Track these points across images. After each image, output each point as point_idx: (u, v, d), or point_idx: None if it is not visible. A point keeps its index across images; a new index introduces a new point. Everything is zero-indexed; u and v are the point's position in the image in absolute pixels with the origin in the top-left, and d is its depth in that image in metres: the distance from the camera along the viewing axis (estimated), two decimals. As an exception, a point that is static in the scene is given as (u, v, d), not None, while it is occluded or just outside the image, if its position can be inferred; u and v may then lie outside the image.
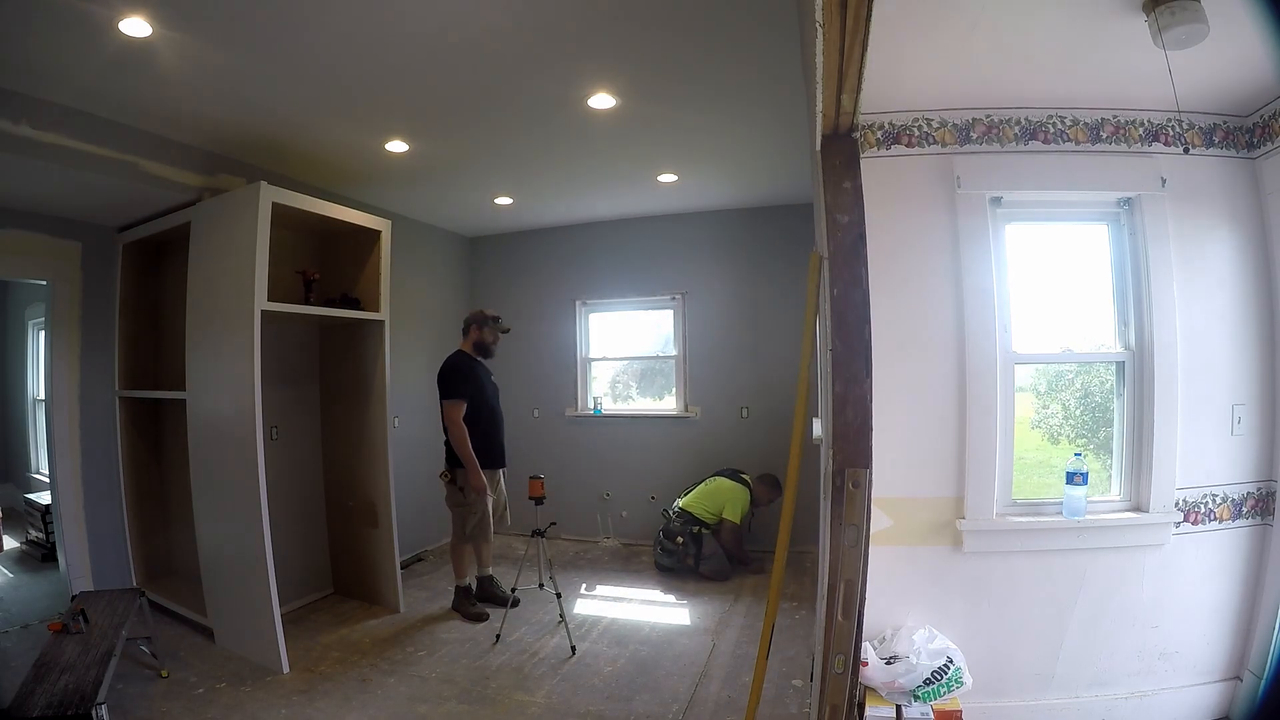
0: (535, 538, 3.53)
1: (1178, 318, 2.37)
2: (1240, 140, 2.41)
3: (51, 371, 3.58)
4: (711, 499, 4.47)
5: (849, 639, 1.63)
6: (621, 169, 4.06)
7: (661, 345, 5.47)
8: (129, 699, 2.74)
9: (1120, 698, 2.38)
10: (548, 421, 5.50)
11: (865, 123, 2.38)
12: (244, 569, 3.10)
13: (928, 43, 2.00)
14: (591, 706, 2.75)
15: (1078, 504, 2.36)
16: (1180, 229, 2.38)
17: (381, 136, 3.41)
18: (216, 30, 2.31)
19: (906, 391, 2.35)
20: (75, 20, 2.16)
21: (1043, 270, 2.61)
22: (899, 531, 2.37)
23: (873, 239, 1.68)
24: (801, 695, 2.76)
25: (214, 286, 3.21)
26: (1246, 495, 2.39)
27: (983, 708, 2.30)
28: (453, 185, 4.32)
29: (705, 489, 4.53)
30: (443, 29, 2.36)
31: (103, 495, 3.67)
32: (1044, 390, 2.86)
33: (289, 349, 3.90)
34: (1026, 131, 2.39)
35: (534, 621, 3.65)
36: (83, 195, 3.24)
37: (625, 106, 3.05)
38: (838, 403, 1.60)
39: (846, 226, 1.66)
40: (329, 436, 4.11)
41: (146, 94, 2.75)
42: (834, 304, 1.64)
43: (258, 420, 2.97)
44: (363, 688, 2.91)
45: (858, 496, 1.58)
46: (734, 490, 4.48)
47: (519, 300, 5.57)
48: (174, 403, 3.53)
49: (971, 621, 2.37)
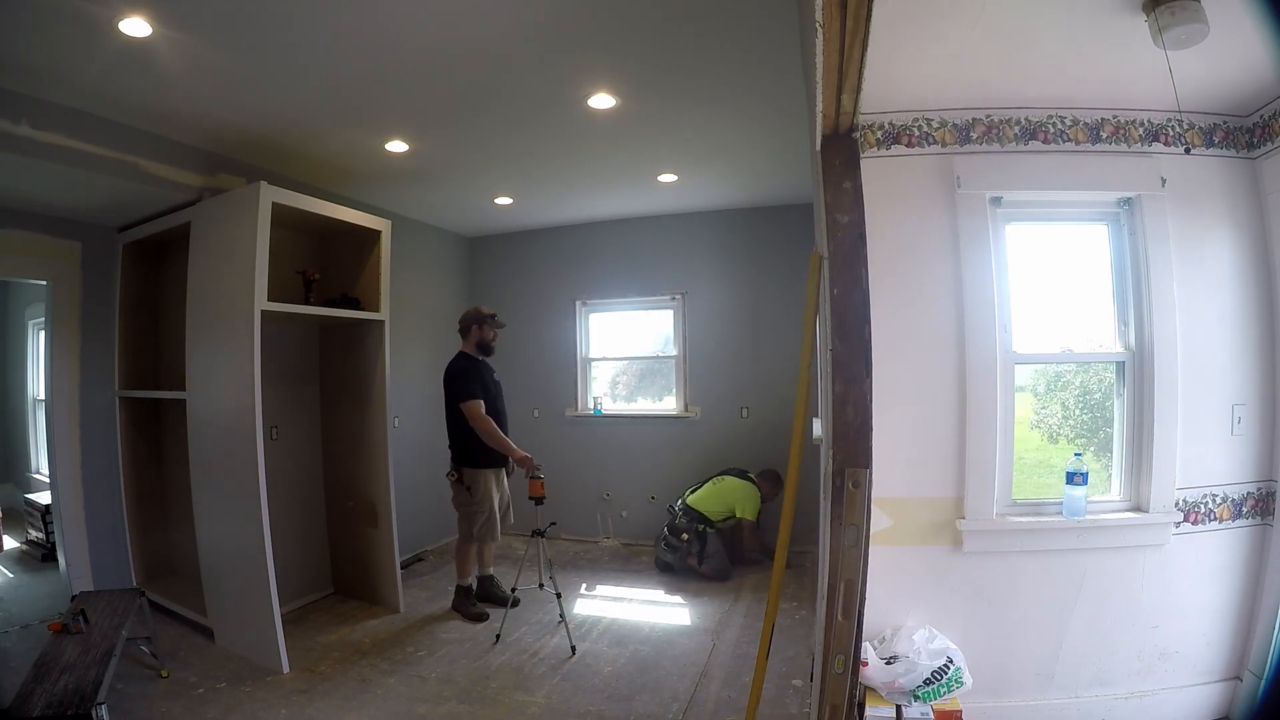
0: (535, 538, 3.53)
1: (1178, 318, 2.37)
2: (1240, 140, 2.40)
3: (51, 371, 3.58)
4: (721, 499, 4.47)
5: (849, 639, 1.63)
6: (621, 169, 4.06)
7: (661, 345, 5.47)
8: (129, 699, 2.74)
9: (1120, 698, 2.38)
10: (548, 421, 5.50)
11: (865, 123, 2.37)
12: (244, 569, 3.10)
13: (928, 42, 2.00)
14: (591, 706, 2.75)
15: (1078, 504, 2.36)
16: (1180, 229, 2.38)
17: (381, 136, 3.41)
18: (216, 30, 2.31)
19: (906, 391, 2.35)
20: (75, 20, 2.16)
21: (1043, 270, 2.60)
22: (899, 531, 2.37)
23: (873, 239, 1.69)
24: (801, 695, 2.76)
25: (214, 286, 3.21)
26: (1246, 495, 2.39)
27: (983, 708, 2.30)
28: (453, 185, 4.32)
29: (714, 488, 4.53)
30: (443, 29, 2.36)
31: (103, 495, 3.67)
32: (1043, 390, 2.86)
33: (289, 349, 3.90)
34: (1026, 131, 2.39)
35: (534, 621, 3.65)
36: (83, 195, 3.24)
37: (625, 106, 3.05)
38: (838, 403, 1.60)
39: (846, 226, 1.66)
40: (329, 436, 4.11)
41: (146, 94, 2.75)
42: (834, 304, 1.64)
43: (258, 420, 2.97)
44: (363, 688, 2.91)
45: (858, 496, 1.58)
46: (744, 489, 4.49)
47: (519, 300, 5.57)
48: (174, 403, 3.53)
49: (971, 621, 2.37)
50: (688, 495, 4.56)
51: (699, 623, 3.65)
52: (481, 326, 3.79)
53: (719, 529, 4.42)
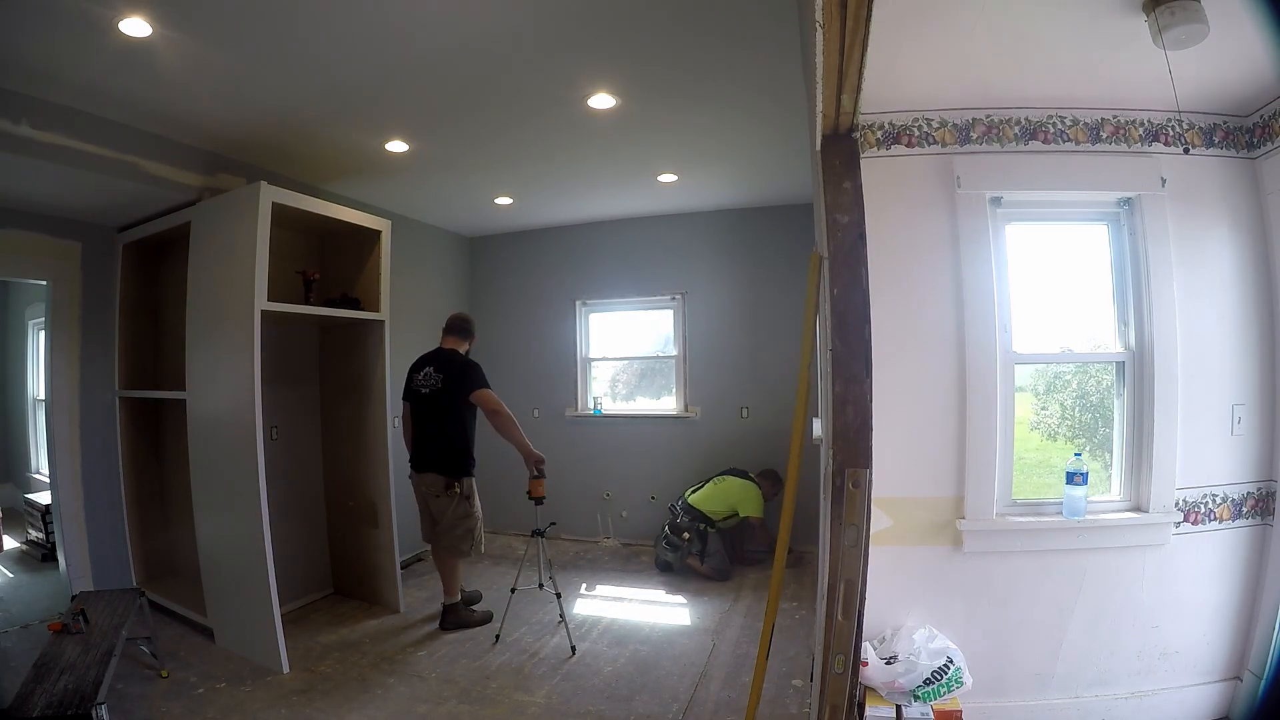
0: (535, 538, 3.53)
1: (1178, 318, 2.37)
2: (1240, 140, 2.40)
3: (51, 371, 3.58)
4: (722, 499, 4.47)
5: (849, 639, 1.63)
6: (621, 169, 4.06)
7: (661, 345, 5.47)
8: (129, 699, 2.74)
9: (1120, 698, 2.38)
10: (548, 421, 5.50)
11: (865, 123, 2.38)
12: (244, 569, 3.10)
13: (928, 43, 2.00)
14: (591, 706, 2.75)
15: (1078, 504, 2.36)
16: (1180, 229, 2.38)
17: (381, 136, 3.41)
18: (216, 30, 2.31)
19: (906, 391, 2.35)
20: (75, 20, 2.16)
21: (1043, 270, 2.61)
22: (899, 531, 2.37)
23: (873, 239, 1.68)
24: (801, 695, 2.76)
25: (214, 286, 3.21)
26: (1246, 495, 2.39)
27: (983, 708, 2.30)
28: (453, 185, 4.32)
29: (715, 489, 4.53)
30: (443, 29, 2.36)
31: (103, 495, 3.67)
32: (1043, 390, 2.86)
33: (289, 349, 3.89)
34: (1026, 131, 2.39)
35: (534, 621, 3.65)
36: (83, 195, 3.24)
37: (625, 106, 3.04)
38: (838, 403, 1.60)
39: (846, 226, 1.66)
40: (329, 436, 4.11)
41: (146, 94, 2.75)
42: (834, 304, 1.64)
43: (258, 420, 2.97)
44: (363, 688, 2.91)
45: (858, 496, 1.58)
46: (746, 488, 4.49)
47: (519, 300, 5.57)
48: (174, 403, 3.53)
49: (971, 621, 2.37)
50: (689, 495, 4.56)
51: (699, 623, 3.65)
52: (474, 337, 3.78)
53: (720, 528, 4.42)
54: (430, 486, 3.50)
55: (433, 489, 3.49)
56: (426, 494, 3.54)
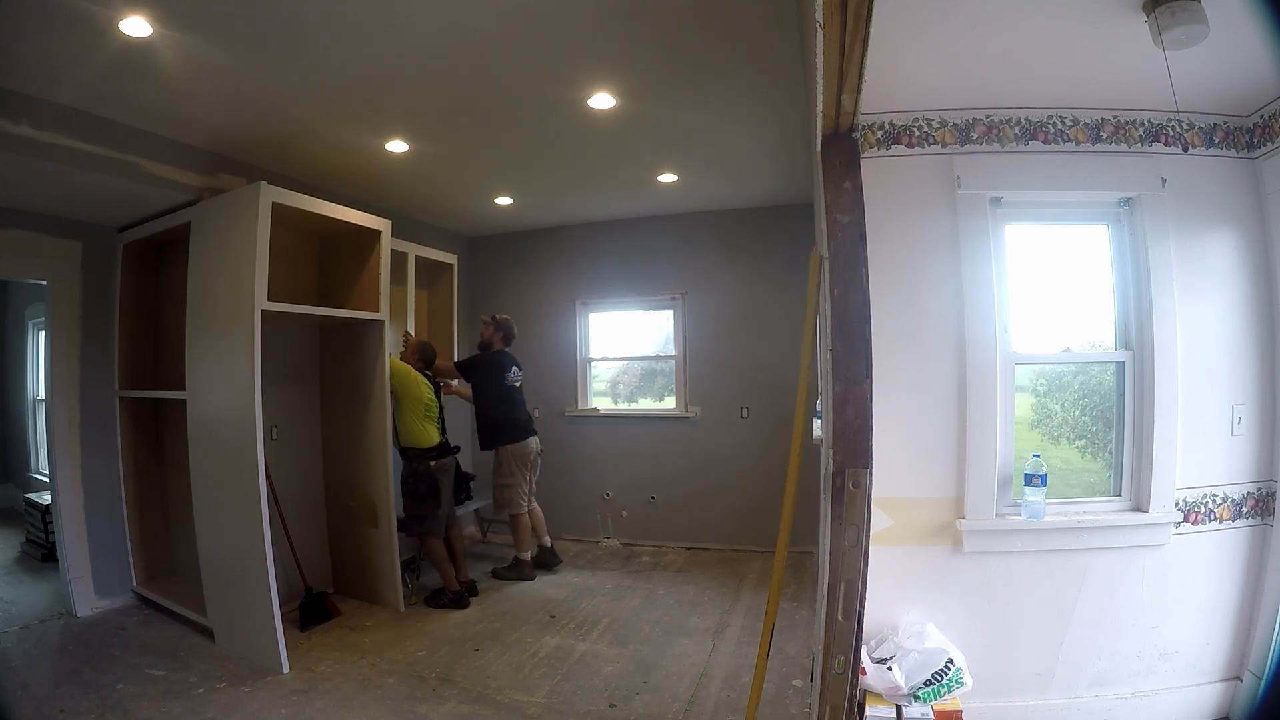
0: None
1: (1178, 318, 2.37)
2: (1240, 140, 2.40)
3: (51, 371, 3.58)
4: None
5: (849, 639, 1.62)
6: (621, 169, 4.06)
7: (661, 345, 5.47)
8: (129, 699, 2.74)
9: (1120, 698, 2.38)
10: (548, 421, 5.49)
11: (865, 123, 2.38)
12: (244, 569, 3.09)
13: (928, 43, 2.00)
14: (591, 706, 2.75)
15: (1037, 507, 2.35)
16: (1180, 229, 2.38)
17: (381, 136, 3.41)
18: (217, 30, 2.31)
19: (906, 392, 2.35)
20: (75, 20, 2.16)
21: (1043, 270, 2.60)
22: (899, 531, 2.37)
23: (873, 239, 1.68)
24: (801, 695, 2.76)
25: (214, 286, 3.20)
26: (1246, 495, 2.39)
27: (983, 708, 2.30)
28: (453, 185, 4.32)
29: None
30: (443, 29, 2.36)
31: (103, 495, 3.67)
32: (1043, 391, 2.86)
33: (289, 349, 3.89)
34: (1027, 131, 2.39)
35: (534, 621, 3.65)
36: (83, 195, 3.24)
37: (625, 106, 3.04)
38: (838, 403, 1.60)
39: (847, 226, 1.66)
40: (329, 436, 4.11)
41: (147, 94, 2.75)
42: (834, 304, 1.64)
43: (258, 420, 2.97)
44: (363, 688, 2.91)
45: (858, 496, 1.58)
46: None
47: (519, 300, 5.56)
48: (174, 403, 3.52)
49: (971, 621, 2.37)
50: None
51: (699, 623, 3.64)
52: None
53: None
54: (536, 446, 4.52)
55: (537, 447, 4.50)
56: (539, 453, 4.59)
